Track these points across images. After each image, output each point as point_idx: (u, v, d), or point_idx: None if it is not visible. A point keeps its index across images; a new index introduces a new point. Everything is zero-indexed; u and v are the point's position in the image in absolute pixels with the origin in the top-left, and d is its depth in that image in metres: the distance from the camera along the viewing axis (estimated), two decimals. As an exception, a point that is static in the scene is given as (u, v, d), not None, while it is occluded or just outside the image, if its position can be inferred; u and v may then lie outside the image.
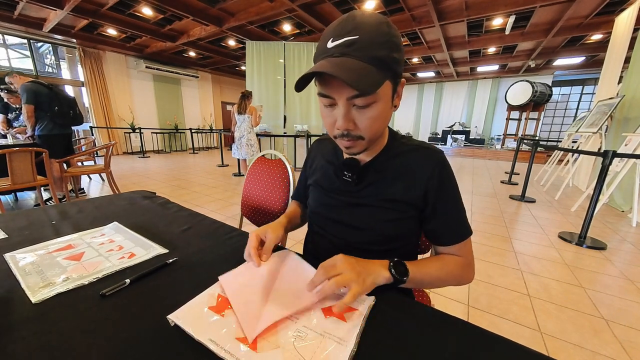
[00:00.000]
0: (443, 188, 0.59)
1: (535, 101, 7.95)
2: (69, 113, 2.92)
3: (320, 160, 0.73)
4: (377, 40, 0.46)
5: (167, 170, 5.37)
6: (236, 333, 0.41)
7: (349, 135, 0.53)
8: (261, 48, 5.27)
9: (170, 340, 0.41)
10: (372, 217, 0.61)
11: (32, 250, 0.65)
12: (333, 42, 0.48)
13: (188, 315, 0.44)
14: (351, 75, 0.44)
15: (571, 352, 1.17)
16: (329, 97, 0.50)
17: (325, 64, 0.46)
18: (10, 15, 4.85)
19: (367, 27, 0.46)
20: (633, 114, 3.36)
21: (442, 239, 0.61)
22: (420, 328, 0.44)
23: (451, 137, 9.50)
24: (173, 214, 0.93)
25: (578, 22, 4.86)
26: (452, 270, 0.59)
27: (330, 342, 0.40)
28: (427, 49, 6.48)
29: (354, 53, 0.46)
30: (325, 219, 0.69)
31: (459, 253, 0.61)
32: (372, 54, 0.46)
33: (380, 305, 0.48)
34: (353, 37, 0.46)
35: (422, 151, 0.61)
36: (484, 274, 1.77)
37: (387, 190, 0.60)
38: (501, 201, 3.53)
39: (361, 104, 0.49)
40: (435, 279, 0.58)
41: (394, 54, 0.48)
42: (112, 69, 7.07)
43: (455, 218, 0.61)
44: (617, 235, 2.50)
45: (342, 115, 0.51)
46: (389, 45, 0.47)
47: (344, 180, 0.64)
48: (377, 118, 0.52)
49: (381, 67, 0.47)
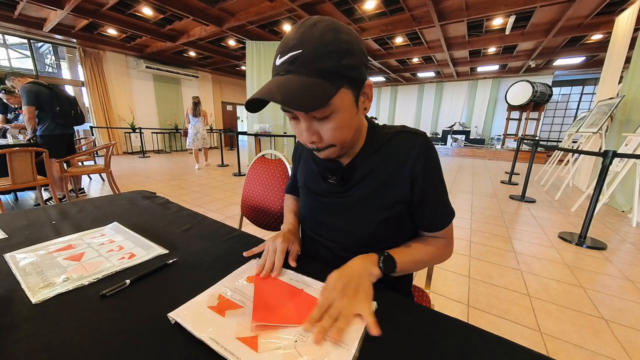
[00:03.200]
0: (429, 174, 0.57)
1: (536, 101, 7.95)
2: (70, 113, 2.91)
3: (307, 159, 0.73)
4: (321, 51, 0.44)
5: (167, 170, 5.37)
6: (237, 333, 0.41)
7: (318, 149, 0.54)
8: (261, 48, 5.27)
9: (170, 341, 0.41)
10: (362, 219, 0.61)
11: (32, 250, 0.65)
12: (280, 59, 0.47)
13: (189, 314, 0.44)
14: (291, 96, 0.43)
15: (571, 352, 1.17)
16: (289, 111, 0.51)
17: (268, 86, 0.46)
18: (11, 15, 4.85)
19: (310, 39, 0.45)
20: (633, 114, 3.35)
21: (432, 226, 0.62)
22: (421, 329, 0.44)
23: (451, 137, 9.50)
24: (173, 214, 0.93)
25: (578, 22, 4.86)
26: (434, 251, 0.62)
27: (332, 346, 0.39)
28: (427, 49, 6.48)
29: (297, 70, 0.45)
30: (317, 223, 0.68)
31: (441, 235, 0.63)
32: (317, 67, 0.45)
33: (379, 308, 0.48)
34: (296, 52, 0.45)
35: (403, 135, 0.59)
36: (484, 274, 1.77)
37: (374, 187, 0.60)
38: (501, 201, 3.53)
39: (320, 116, 0.49)
40: (420, 263, 0.61)
41: (345, 61, 0.46)
42: (112, 69, 7.08)
43: (442, 204, 0.61)
44: (617, 236, 2.50)
45: (305, 129, 0.51)
46: (337, 53, 0.45)
47: (329, 183, 0.64)
48: (340, 128, 0.51)
49: (330, 78, 0.46)
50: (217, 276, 0.56)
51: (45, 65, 6.60)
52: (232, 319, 0.44)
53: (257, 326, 0.43)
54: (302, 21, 0.48)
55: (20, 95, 2.74)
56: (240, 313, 0.46)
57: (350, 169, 0.61)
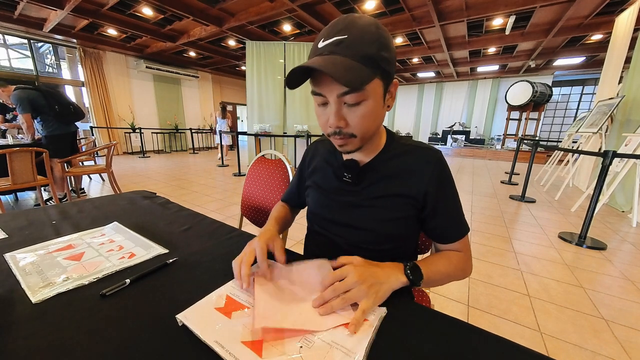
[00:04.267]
0: (442, 188, 0.60)
1: (536, 101, 7.95)
2: (70, 109, 2.86)
3: (319, 161, 0.73)
4: (365, 38, 0.48)
5: (167, 170, 5.37)
6: (242, 337, 0.41)
7: (341, 133, 0.54)
8: (261, 48, 5.27)
9: (171, 340, 0.41)
10: (372, 217, 0.62)
11: (32, 250, 0.65)
12: (323, 42, 0.49)
13: (196, 316, 0.44)
14: (337, 70, 0.45)
15: (571, 353, 1.17)
16: (321, 95, 0.52)
17: (314, 60, 0.48)
18: (11, 15, 4.85)
19: (355, 27, 0.48)
20: (633, 114, 3.35)
21: (445, 237, 0.63)
22: (421, 330, 0.44)
23: (451, 137, 9.50)
24: (173, 214, 0.93)
25: (578, 22, 4.86)
26: (457, 265, 0.61)
27: (337, 353, 0.38)
28: (427, 49, 6.48)
29: (342, 51, 0.48)
30: (325, 220, 0.69)
31: (459, 248, 0.63)
32: (360, 52, 0.47)
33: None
34: (342, 36, 0.48)
35: (421, 152, 0.61)
36: (484, 274, 1.77)
37: (386, 191, 0.61)
38: (501, 201, 3.53)
39: (351, 101, 0.50)
40: (445, 276, 0.59)
41: (383, 53, 0.49)
42: (112, 69, 7.08)
43: (455, 216, 0.62)
44: (617, 236, 2.50)
45: (334, 112, 0.52)
46: (378, 44, 0.48)
47: (343, 181, 0.65)
48: (368, 116, 0.52)
49: (369, 64, 0.48)
50: (217, 276, 0.56)
51: (46, 66, 6.60)
52: (238, 321, 0.44)
53: (260, 329, 0.42)
54: (347, 15, 0.50)
55: (13, 103, 2.64)
56: (246, 315, 0.45)
57: (366, 169, 0.63)
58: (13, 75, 5.78)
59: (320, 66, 0.45)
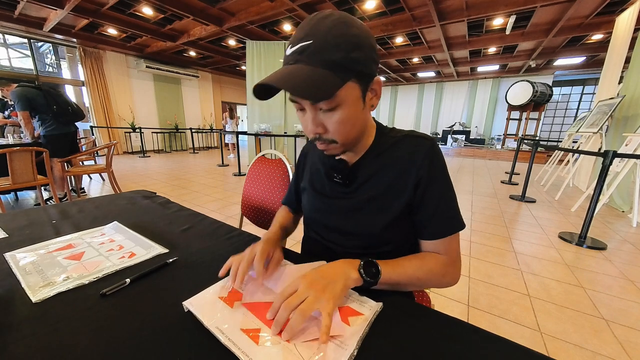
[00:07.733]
0: (432, 178, 0.56)
1: (536, 101, 7.95)
2: (67, 109, 2.86)
3: (315, 161, 0.72)
4: (330, 43, 0.45)
5: (168, 170, 5.37)
6: (241, 324, 0.43)
7: (321, 139, 0.53)
8: (261, 48, 5.27)
9: (170, 340, 0.41)
10: (366, 222, 0.60)
11: (32, 249, 0.65)
12: (290, 49, 0.48)
13: (201, 303, 0.47)
14: (297, 85, 0.44)
15: (571, 352, 1.17)
16: (296, 101, 0.51)
17: (276, 74, 0.46)
18: (11, 14, 4.85)
19: (320, 30, 0.45)
20: (633, 114, 3.35)
21: (426, 232, 0.57)
22: (421, 330, 0.44)
23: (451, 137, 9.49)
24: (173, 214, 0.93)
25: (579, 22, 4.85)
26: (432, 269, 0.55)
27: (330, 344, 0.40)
28: (428, 48, 6.47)
29: (306, 59, 0.46)
30: (321, 226, 0.68)
31: (442, 250, 0.57)
32: (327, 58, 0.45)
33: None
34: (306, 42, 0.45)
35: (411, 140, 0.59)
36: (484, 274, 1.77)
37: (378, 189, 0.59)
38: (501, 201, 3.53)
39: (326, 107, 0.49)
40: (414, 279, 0.54)
41: (354, 54, 0.46)
42: (112, 69, 7.08)
43: (443, 210, 0.56)
44: (617, 236, 2.50)
45: (310, 119, 0.51)
46: (346, 46, 0.45)
47: (334, 182, 0.64)
48: (346, 121, 0.50)
49: (338, 70, 0.46)
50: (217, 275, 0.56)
51: (46, 65, 6.60)
52: (239, 310, 0.46)
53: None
54: (315, 14, 0.47)
55: (12, 100, 2.68)
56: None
57: (355, 168, 0.61)
58: (13, 75, 5.78)
59: (279, 82, 0.44)
